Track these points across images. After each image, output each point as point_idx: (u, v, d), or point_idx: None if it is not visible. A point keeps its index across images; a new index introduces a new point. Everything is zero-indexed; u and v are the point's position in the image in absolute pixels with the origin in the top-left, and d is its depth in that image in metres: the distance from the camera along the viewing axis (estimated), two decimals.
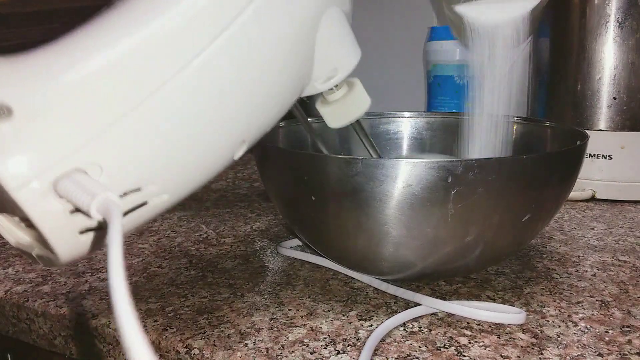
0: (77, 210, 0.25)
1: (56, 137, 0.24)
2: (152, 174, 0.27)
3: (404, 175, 0.32)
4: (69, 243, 0.26)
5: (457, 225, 0.34)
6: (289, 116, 0.37)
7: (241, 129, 0.30)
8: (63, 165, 0.24)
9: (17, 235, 0.28)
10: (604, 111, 0.61)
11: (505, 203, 0.35)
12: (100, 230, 0.26)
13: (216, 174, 0.31)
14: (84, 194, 0.24)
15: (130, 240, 0.51)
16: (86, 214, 0.24)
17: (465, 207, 0.33)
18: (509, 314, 0.35)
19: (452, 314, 0.36)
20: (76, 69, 0.25)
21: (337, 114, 0.39)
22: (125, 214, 0.27)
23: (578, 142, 0.41)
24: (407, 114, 0.55)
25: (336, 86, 0.37)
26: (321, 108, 0.39)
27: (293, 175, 0.37)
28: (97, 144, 0.25)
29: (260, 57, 0.30)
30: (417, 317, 0.36)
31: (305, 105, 0.39)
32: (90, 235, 0.26)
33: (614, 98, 0.60)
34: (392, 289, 0.38)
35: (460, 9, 0.46)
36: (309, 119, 0.48)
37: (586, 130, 0.60)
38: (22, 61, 0.25)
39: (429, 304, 0.36)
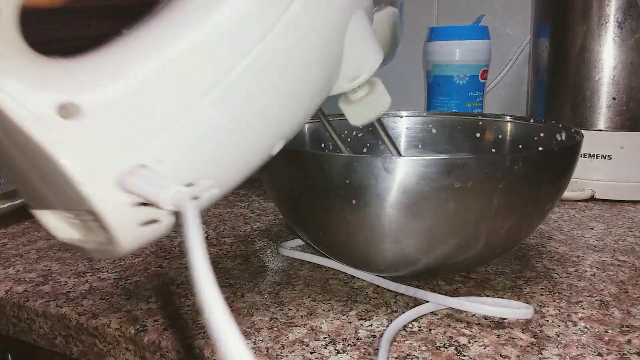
0: (142, 203, 0.26)
1: (122, 133, 0.26)
2: (206, 169, 0.28)
3: (455, 173, 0.32)
4: (131, 235, 0.27)
5: (497, 218, 0.35)
6: None
7: (284, 126, 0.32)
8: (128, 160, 0.26)
9: (66, 231, 0.30)
10: (603, 111, 0.61)
11: (539, 194, 0.36)
12: (157, 222, 0.28)
13: (256, 169, 0.32)
14: (153, 187, 0.25)
15: None
16: (156, 205, 0.25)
17: (507, 199, 0.34)
18: (518, 309, 0.35)
19: (452, 313, 0.36)
20: (140, 69, 0.26)
21: (359, 112, 0.40)
22: None
23: (562, 137, 0.44)
24: (404, 113, 0.55)
25: (359, 85, 0.38)
26: (344, 106, 0.40)
27: (323, 180, 0.36)
28: (158, 140, 0.26)
29: (301, 58, 0.31)
30: (419, 316, 0.36)
31: None
32: (150, 228, 0.28)
33: (614, 98, 0.60)
34: (393, 286, 0.38)
35: None
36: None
37: (585, 131, 0.61)
38: (88, 61, 0.27)
39: (437, 301, 0.36)
